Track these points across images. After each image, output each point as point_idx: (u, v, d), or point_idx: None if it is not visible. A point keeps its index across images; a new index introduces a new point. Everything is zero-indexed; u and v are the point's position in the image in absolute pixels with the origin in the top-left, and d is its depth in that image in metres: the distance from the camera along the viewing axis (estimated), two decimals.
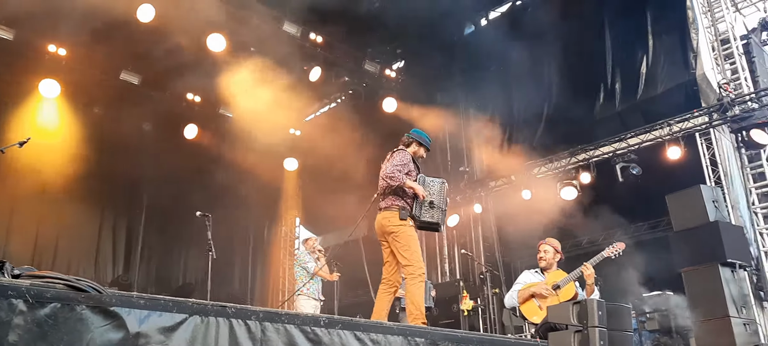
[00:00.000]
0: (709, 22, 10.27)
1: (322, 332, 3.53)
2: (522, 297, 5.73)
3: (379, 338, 3.77)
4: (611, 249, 5.69)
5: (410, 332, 4.04)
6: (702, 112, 10.10)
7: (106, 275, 13.41)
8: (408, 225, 5.31)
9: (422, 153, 5.72)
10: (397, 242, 5.31)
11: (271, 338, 3.28)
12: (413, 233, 5.35)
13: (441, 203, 5.41)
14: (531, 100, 12.85)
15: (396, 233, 5.30)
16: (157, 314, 2.94)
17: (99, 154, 12.54)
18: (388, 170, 5.32)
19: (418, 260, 5.27)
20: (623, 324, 4.55)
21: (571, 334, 4.38)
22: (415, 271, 5.23)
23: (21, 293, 2.59)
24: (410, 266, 5.25)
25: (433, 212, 5.36)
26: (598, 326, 4.24)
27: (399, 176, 5.27)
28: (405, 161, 5.43)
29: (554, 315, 4.65)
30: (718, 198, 9.13)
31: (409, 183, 5.30)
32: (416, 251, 5.30)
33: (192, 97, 13.83)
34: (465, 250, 12.34)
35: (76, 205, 12.69)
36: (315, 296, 8.62)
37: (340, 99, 15.75)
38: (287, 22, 12.17)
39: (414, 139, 5.69)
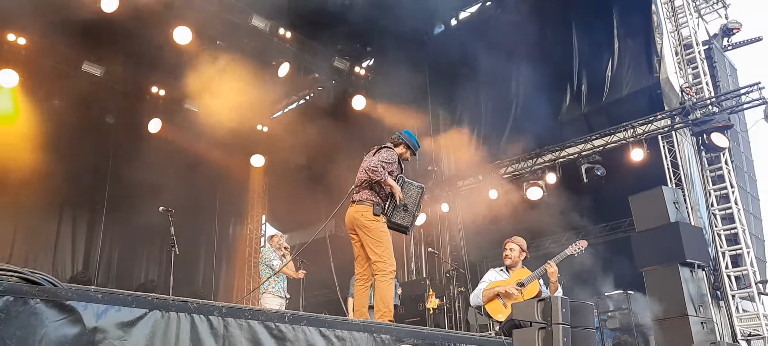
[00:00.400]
0: (672, 27, 10.51)
1: (287, 329, 3.48)
2: (487, 296, 5.75)
3: (344, 335, 3.74)
4: (574, 247, 5.76)
5: (376, 328, 4.02)
6: (665, 115, 10.33)
7: (65, 272, 13.04)
8: (381, 221, 5.28)
9: (408, 156, 5.71)
10: (370, 236, 5.27)
11: (234, 333, 3.22)
12: (386, 230, 5.31)
13: (414, 209, 5.40)
14: (499, 100, 12.99)
15: (369, 227, 5.26)
16: (115, 308, 2.85)
17: (59, 147, 12.17)
18: (373, 163, 5.25)
19: (389, 257, 5.23)
20: (586, 321, 4.61)
21: (535, 331, 4.41)
22: (386, 268, 5.19)
23: None
24: (381, 262, 5.21)
25: (405, 215, 5.35)
26: (562, 323, 4.28)
27: (381, 171, 5.22)
28: (391, 159, 5.40)
29: (519, 312, 4.68)
30: (679, 200, 9.36)
31: (390, 181, 5.26)
32: (388, 247, 5.27)
33: (156, 90, 13.55)
34: (432, 249, 12.37)
35: (35, 199, 12.29)
36: (280, 294, 8.51)
37: (308, 96, 15.64)
38: (256, 16, 12.01)
39: (403, 141, 5.67)
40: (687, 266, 8.76)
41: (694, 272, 8.84)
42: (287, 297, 8.75)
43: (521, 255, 5.86)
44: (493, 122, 13.10)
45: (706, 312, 8.74)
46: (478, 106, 13.42)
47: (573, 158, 11.39)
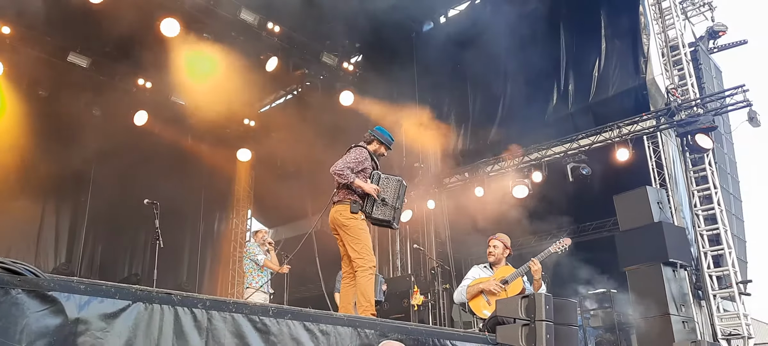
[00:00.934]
0: (659, 29, 10.60)
1: (271, 322, 3.48)
2: (471, 293, 5.77)
3: (328, 329, 3.74)
4: (558, 245, 5.78)
5: (360, 323, 4.02)
6: (650, 115, 10.42)
7: (48, 263, 12.93)
8: (359, 218, 5.32)
9: (383, 151, 5.74)
10: (348, 234, 5.33)
11: (218, 326, 3.21)
12: (364, 226, 5.35)
13: (394, 202, 5.42)
14: (486, 98, 13.03)
15: (347, 225, 5.32)
16: (98, 299, 2.84)
17: (43, 138, 12.06)
18: (338, 166, 5.33)
19: (368, 253, 5.29)
20: (569, 319, 4.65)
21: (518, 327, 4.45)
22: (365, 263, 5.24)
23: None
24: (360, 258, 5.27)
25: (385, 209, 5.37)
26: (545, 319, 4.33)
27: (347, 174, 5.29)
28: (359, 159, 5.43)
29: (502, 309, 4.71)
30: (663, 200, 9.45)
31: (358, 182, 5.30)
32: (366, 244, 5.31)
33: (143, 82, 13.45)
34: (417, 245, 12.41)
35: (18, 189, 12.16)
36: (264, 289, 8.51)
37: (296, 91, 15.59)
38: (244, 9, 11.95)
39: (375, 137, 5.69)
40: (669, 266, 8.86)
41: (677, 272, 8.95)
42: (271, 293, 8.74)
43: (505, 252, 5.88)
44: (480, 120, 13.14)
45: (687, 311, 8.85)
46: (465, 103, 13.46)
47: (559, 157, 11.46)
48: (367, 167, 5.47)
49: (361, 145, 5.61)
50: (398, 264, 13.99)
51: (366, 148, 5.58)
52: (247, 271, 8.47)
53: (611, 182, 10.37)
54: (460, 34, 13.04)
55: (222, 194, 16.42)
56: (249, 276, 8.38)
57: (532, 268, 5.54)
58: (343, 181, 5.30)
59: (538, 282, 5.57)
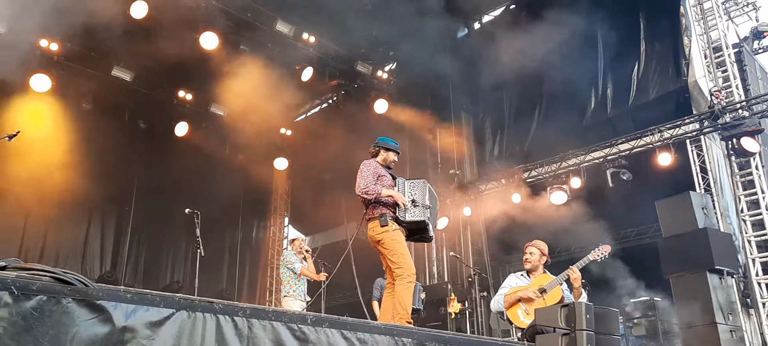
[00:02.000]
0: (701, 30, 10.33)
1: (309, 330, 3.50)
2: (508, 302, 5.70)
3: (366, 337, 3.75)
4: (597, 252, 5.67)
5: (397, 331, 4.02)
6: (693, 119, 10.16)
7: (93, 271, 13.30)
8: (391, 229, 5.33)
9: (393, 157, 5.75)
10: (384, 248, 5.36)
11: (258, 334, 3.25)
12: (397, 237, 5.36)
13: (424, 201, 5.41)
14: (523, 104, 12.91)
15: (381, 240, 5.36)
16: (143, 308, 2.91)
17: (89, 149, 12.45)
18: (362, 185, 5.37)
19: (406, 262, 5.29)
20: (611, 328, 4.57)
21: (558, 337, 4.38)
22: (404, 272, 5.25)
23: (6, 284, 2.56)
24: (399, 268, 5.28)
25: (417, 210, 5.37)
26: (586, 329, 4.25)
27: (372, 189, 5.33)
28: (372, 170, 5.46)
29: (542, 318, 4.65)
30: (708, 205, 9.20)
31: (386, 192, 5.34)
32: (403, 253, 5.32)
33: (183, 94, 13.77)
34: (454, 253, 12.34)
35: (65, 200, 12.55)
36: (301, 297, 8.58)
37: (331, 100, 15.73)
38: (280, 21, 12.14)
39: (381, 147, 5.72)
40: (716, 273, 8.60)
41: (723, 279, 8.68)
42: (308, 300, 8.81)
43: (541, 259, 5.80)
44: (517, 126, 13.02)
45: (735, 320, 8.58)
46: (501, 109, 13.36)
47: (598, 162, 11.26)
48: (383, 175, 5.49)
49: (368, 160, 5.64)
50: (435, 272, 13.94)
51: (375, 162, 5.61)
52: (284, 279, 8.55)
53: (653, 188, 10.13)
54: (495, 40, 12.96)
55: (260, 202, 16.65)
56: (286, 284, 8.46)
57: (571, 276, 5.45)
58: (370, 196, 5.34)
59: (578, 290, 5.48)
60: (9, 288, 2.55)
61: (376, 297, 9.12)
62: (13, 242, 12.06)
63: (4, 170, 11.19)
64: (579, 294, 5.48)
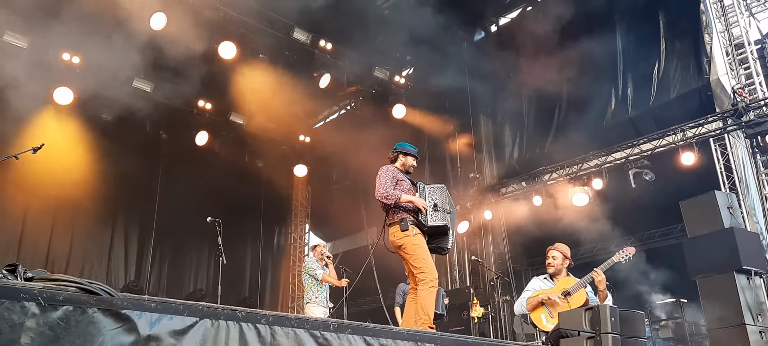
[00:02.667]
0: (722, 27, 10.18)
1: (332, 337, 3.50)
2: (531, 305, 5.65)
3: (388, 343, 3.74)
4: (621, 254, 5.58)
5: (420, 337, 4.01)
6: (716, 117, 10.00)
7: (118, 281, 13.47)
8: (412, 234, 5.31)
9: (412, 162, 5.74)
10: (405, 253, 5.35)
11: (281, 342, 3.26)
12: (418, 242, 5.33)
13: (445, 205, 5.38)
14: (542, 105, 12.83)
15: (402, 245, 5.34)
16: (167, 317, 2.93)
17: (111, 160, 12.64)
18: (381, 191, 5.37)
19: (428, 267, 5.26)
20: (637, 331, 4.50)
21: (583, 340, 4.33)
22: (426, 277, 5.23)
23: (33, 295, 2.60)
24: (422, 273, 5.26)
25: (438, 214, 5.34)
26: (611, 332, 4.19)
27: (392, 193, 5.32)
28: (390, 175, 5.46)
29: (566, 321, 4.60)
30: (733, 204, 9.01)
31: (405, 198, 5.34)
32: (424, 258, 5.29)
33: (203, 104, 13.90)
34: (475, 256, 12.26)
35: (89, 210, 12.78)
36: (323, 304, 8.60)
37: (349, 106, 15.78)
38: (297, 29, 12.22)
39: (399, 152, 5.72)
40: (743, 274, 8.41)
41: (751, 279, 8.48)
42: (330, 306, 8.82)
43: (564, 262, 5.74)
44: (536, 127, 12.93)
45: (765, 321, 8.38)
46: (520, 111, 13.29)
47: (620, 163, 11.14)
48: (402, 180, 5.48)
49: (386, 166, 5.63)
50: (456, 276, 13.88)
51: (392, 167, 5.60)
52: (306, 286, 8.58)
53: (676, 188, 9.96)
54: (513, 42, 12.92)
55: (280, 209, 16.73)
56: (309, 291, 8.49)
57: (596, 279, 5.38)
58: (390, 202, 5.34)
59: (604, 293, 5.40)
60: (36, 299, 2.59)
61: (398, 302, 9.09)
62: (40, 253, 12.26)
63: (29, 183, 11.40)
64: (604, 297, 5.40)
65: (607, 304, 4.64)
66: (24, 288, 2.60)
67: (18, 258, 11.27)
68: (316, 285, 8.47)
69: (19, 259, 7.79)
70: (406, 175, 5.64)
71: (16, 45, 11.03)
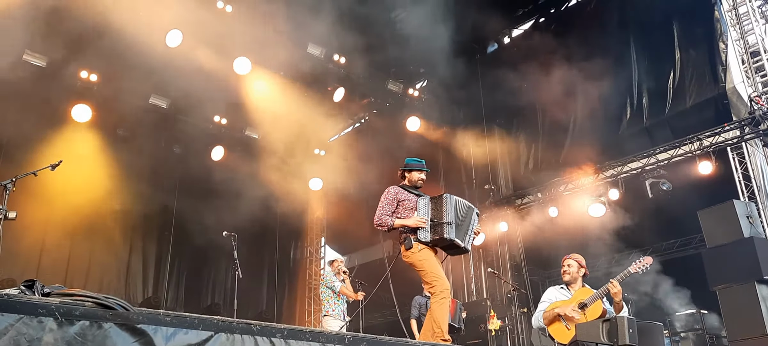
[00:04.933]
0: (737, 35, 10.08)
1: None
2: (548, 319, 5.59)
3: None
4: (638, 264, 5.51)
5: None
6: (733, 125, 9.88)
7: (136, 295, 13.59)
8: (417, 251, 5.35)
9: (419, 177, 5.74)
10: (415, 268, 5.40)
11: None
12: (424, 256, 5.35)
13: (444, 218, 5.33)
14: (556, 116, 12.75)
15: (410, 262, 5.43)
16: (183, 331, 2.95)
17: (129, 176, 12.81)
18: (376, 218, 5.49)
19: (437, 279, 5.26)
20: (655, 342, 4.45)
21: None
22: (436, 290, 5.23)
23: (50, 310, 2.63)
24: (432, 287, 5.30)
25: (437, 228, 5.32)
26: (629, 344, 4.15)
27: (385, 220, 5.40)
28: (389, 198, 5.52)
29: (583, 333, 4.56)
30: (753, 213, 8.88)
31: (398, 222, 5.40)
32: (432, 271, 5.30)
33: (219, 119, 14.04)
34: (492, 269, 12.19)
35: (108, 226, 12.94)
36: (340, 317, 8.62)
37: (363, 119, 15.84)
38: (311, 43, 12.32)
39: (405, 169, 5.78)
40: (765, 284, 8.26)
41: None
42: (347, 320, 8.82)
43: (580, 271, 5.69)
44: (551, 138, 12.86)
45: None
46: (534, 122, 13.23)
47: (636, 173, 11.03)
48: (404, 200, 5.51)
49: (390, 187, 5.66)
50: (473, 289, 13.80)
51: (395, 187, 5.63)
52: (323, 299, 8.62)
53: (694, 197, 9.84)
54: (526, 53, 12.89)
55: (296, 223, 16.77)
56: (326, 304, 8.53)
57: (612, 290, 5.32)
58: (384, 229, 5.44)
59: (620, 304, 5.34)
60: (53, 314, 2.63)
61: (414, 315, 9.08)
62: (59, 269, 12.41)
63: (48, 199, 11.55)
64: (620, 308, 5.34)
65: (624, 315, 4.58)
66: (41, 303, 2.64)
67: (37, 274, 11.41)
68: (334, 298, 8.50)
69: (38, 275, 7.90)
70: (415, 189, 5.64)
71: (36, 64, 11.23)
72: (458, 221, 5.43)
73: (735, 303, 8.33)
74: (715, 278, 8.69)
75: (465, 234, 5.50)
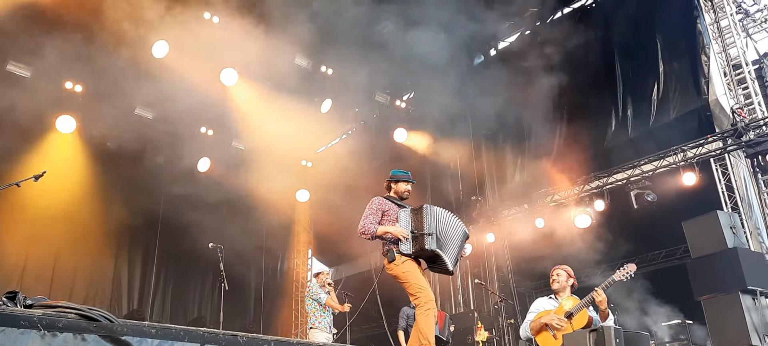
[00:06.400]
0: (719, 48, 10.25)
1: None
2: (535, 328, 5.61)
3: None
4: (622, 272, 5.54)
5: None
6: (716, 137, 10.02)
7: (122, 307, 13.42)
8: (399, 263, 5.29)
9: (405, 188, 5.68)
10: (399, 281, 5.34)
11: None
12: (407, 268, 5.29)
13: (424, 228, 5.25)
14: (542, 127, 12.84)
15: (394, 275, 5.36)
16: (168, 343, 2.91)
17: (114, 187, 12.69)
18: (359, 227, 5.40)
19: (420, 290, 5.22)
20: None
21: None
22: (420, 301, 5.19)
23: (33, 323, 2.59)
24: (416, 298, 5.25)
25: (418, 239, 5.27)
26: None
27: (369, 229, 5.34)
28: (373, 209, 5.46)
29: (570, 343, 4.57)
30: (736, 224, 8.99)
31: (380, 230, 5.33)
32: (416, 283, 5.25)
33: (205, 130, 13.96)
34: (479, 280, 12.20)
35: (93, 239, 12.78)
36: (327, 329, 8.57)
37: (351, 131, 15.83)
38: (298, 55, 12.32)
39: (390, 180, 5.72)
40: (749, 294, 8.35)
41: (757, 300, 8.42)
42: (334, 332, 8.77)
43: (569, 280, 5.72)
44: (537, 150, 12.95)
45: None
46: (521, 133, 13.31)
47: (622, 184, 11.14)
48: (387, 210, 5.46)
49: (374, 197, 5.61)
50: (460, 300, 13.79)
51: (380, 197, 5.59)
52: (309, 311, 8.56)
53: (679, 208, 9.95)
54: (512, 66, 12.99)
55: (283, 235, 16.68)
56: (312, 316, 8.46)
57: (596, 298, 5.33)
58: (367, 237, 5.35)
59: (605, 312, 5.35)
60: (36, 326, 2.58)
61: (401, 326, 9.06)
62: (44, 281, 12.25)
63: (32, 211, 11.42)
64: (605, 316, 5.35)
65: (610, 325, 4.60)
66: (23, 315, 2.60)
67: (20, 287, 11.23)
68: (320, 310, 8.45)
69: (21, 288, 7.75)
70: (400, 201, 5.62)
71: (20, 74, 11.12)
72: (440, 232, 5.35)
73: (720, 313, 8.41)
74: (700, 289, 8.76)
75: (450, 249, 5.39)
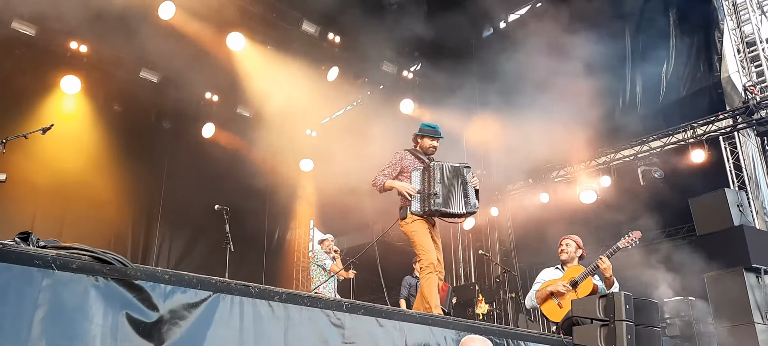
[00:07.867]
0: (734, 24, 10.11)
1: (346, 317, 3.48)
2: (541, 297, 5.63)
3: (403, 326, 3.71)
4: (627, 239, 5.54)
5: (432, 320, 3.97)
6: (726, 115, 9.93)
7: None
8: (410, 221, 5.26)
9: (429, 143, 5.57)
10: (409, 239, 5.28)
11: (294, 318, 3.23)
12: (415, 228, 5.26)
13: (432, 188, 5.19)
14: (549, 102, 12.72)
15: (405, 232, 5.32)
16: (181, 289, 2.90)
17: (118, 150, 12.61)
18: (372, 178, 5.30)
19: (424, 253, 5.19)
20: (651, 319, 4.46)
21: (596, 328, 4.28)
22: (423, 263, 5.20)
23: (47, 262, 2.57)
24: (419, 259, 5.30)
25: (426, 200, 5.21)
26: (626, 319, 4.15)
27: (378, 180, 5.30)
28: (392, 162, 5.42)
29: (578, 309, 4.56)
30: (743, 202, 8.95)
31: (388, 183, 5.28)
32: (421, 243, 5.22)
33: (210, 96, 13.87)
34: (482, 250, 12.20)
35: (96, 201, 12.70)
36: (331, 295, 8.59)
37: (356, 101, 15.71)
38: (306, 21, 12.18)
39: (418, 135, 5.62)
40: (753, 272, 8.35)
41: (761, 278, 8.41)
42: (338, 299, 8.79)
43: (577, 251, 5.73)
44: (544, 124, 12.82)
45: None
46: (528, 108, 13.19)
47: (629, 160, 11.07)
48: (407, 166, 5.38)
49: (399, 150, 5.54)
50: (462, 273, 13.82)
51: (406, 150, 5.50)
52: (314, 276, 8.59)
53: (686, 186, 9.91)
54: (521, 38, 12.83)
55: (285, 204, 16.64)
56: (316, 282, 8.48)
57: (601, 265, 5.34)
58: (377, 188, 5.33)
59: (611, 279, 5.35)
60: (50, 265, 2.56)
61: (403, 295, 9.08)
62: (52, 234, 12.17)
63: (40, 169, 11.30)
64: (611, 284, 5.36)
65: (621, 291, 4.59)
66: (37, 254, 2.57)
67: None
68: (325, 276, 8.46)
69: None
70: (426, 156, 5.53)
71: (25, 33, 11.00)
72: (446, 188, 5.28)
73: (723, 290, 8.41)
74: (704, 266, 8.75)
75: (457, 196, 5.33)
